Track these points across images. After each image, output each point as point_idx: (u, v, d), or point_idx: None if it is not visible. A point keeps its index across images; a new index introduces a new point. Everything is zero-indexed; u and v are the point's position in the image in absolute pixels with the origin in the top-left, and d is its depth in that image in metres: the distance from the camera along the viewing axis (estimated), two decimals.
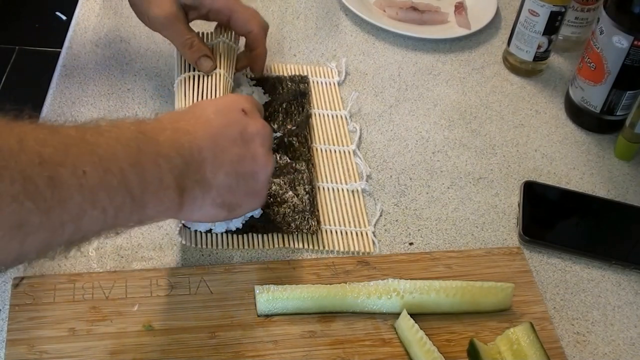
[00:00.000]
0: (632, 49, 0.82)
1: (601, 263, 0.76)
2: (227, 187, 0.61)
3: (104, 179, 0.50)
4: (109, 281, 0.67)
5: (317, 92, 0.91)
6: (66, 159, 0.48)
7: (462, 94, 0.95)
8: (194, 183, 0.58)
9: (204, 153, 0.59)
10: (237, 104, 0.65)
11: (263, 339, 0.64)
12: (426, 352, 0.63)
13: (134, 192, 0.52)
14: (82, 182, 0.49)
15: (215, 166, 0.59)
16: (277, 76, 0.91)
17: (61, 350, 0.62)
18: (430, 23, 1.05)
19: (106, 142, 0.52)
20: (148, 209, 0.54)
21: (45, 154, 0.47)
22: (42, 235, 0.47)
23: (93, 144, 0.51)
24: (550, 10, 0.90)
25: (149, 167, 0.54)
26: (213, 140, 0.60)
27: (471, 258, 0.73)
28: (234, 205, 0.62)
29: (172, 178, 0.55)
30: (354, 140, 0.85)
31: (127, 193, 0.52)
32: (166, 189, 0.55)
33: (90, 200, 0.49)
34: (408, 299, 0.67)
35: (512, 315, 0.69)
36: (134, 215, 0.54)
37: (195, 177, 0.58)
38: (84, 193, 0.49)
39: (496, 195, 0.82)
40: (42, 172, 0.46)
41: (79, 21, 0.97)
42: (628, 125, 0.85)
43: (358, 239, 0.75)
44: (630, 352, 0.68)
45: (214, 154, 0.59)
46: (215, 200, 0.60)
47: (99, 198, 0.50)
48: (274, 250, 0.72)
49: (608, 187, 0.85)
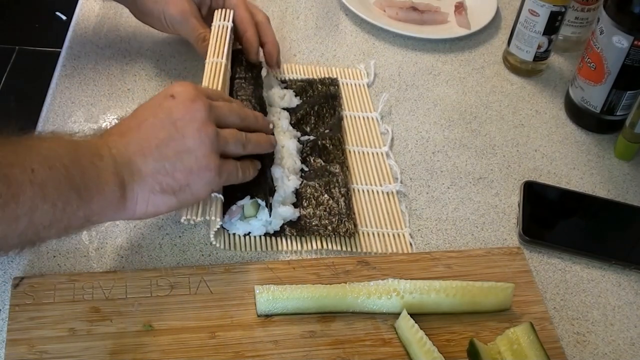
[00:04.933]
0: (632, 49, 0.82)
1: (601, 263, 0.76)
2: (161, 172, 0.63)
3: (50, 174, 0.56)
4: (109, 281, 0.67)
5: (347, 94, 0.91)
6: (17, 159, 0.55)
7: (462, 94, 0.95)
8: (129, 177, 0.61)
9: (130, 146, 0.62)
10: (166, 92, 0.67)
11: (263, 339, 0.64)
12: (426, 352, 0.63)
13: (78, 186, 0.58)
14: (32, 178, 0.55)
15: (143, 155, 0.62)
16: (307, 79, 0.91)
17: (61, 350, 0.62)
18: (430, 23, 1.05)
19: (48, 145, 0.59)
20: (93, 204, 0.59)
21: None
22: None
23: (38, 147, 0.58)
24: (550, 10, 0.90)
25: (87, 164, 0.59)
26: (138, 131, 0.64)
27: (471, 258, 0.73)
28: (179, 187, 0.64)
29: (109, 174, 0.60)
30: (387, 142, 0.85)
31: (72, 187, 0.57)
32: (105, 183, 0.60)
33: (41, 195, 0.55)
34: (408, 299, 0.67)
35: (512, 315, 0.68)
36: (80, 210, 0.58)
37: (127, 170, 0.61)
38: (34, 188, 0.55)
39: (496, 195, 0.82)
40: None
41: (79, 21, 0.97)
42: (628, 125, 0.85)
43: (395, 241, 0.75)
44: (630, 352, 0.68)
45: (139, 144, 0.63)
46: (155, 187, 0.63)
47: (48, 192, 0.56)
48: (309, 251, 0.73)
49: (608, 187, 0.85)
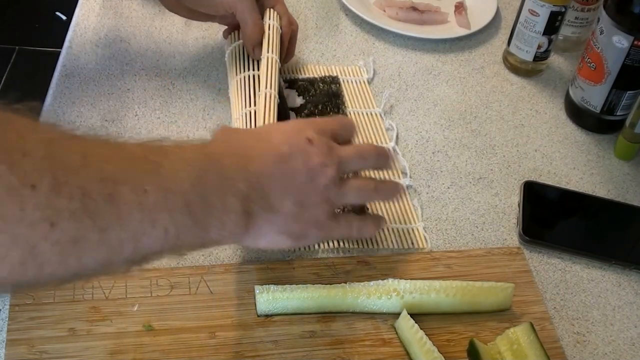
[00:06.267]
0: (632, 49, 0.82)
1: (601, 263, 0.76)
2: (292, 216, 0.59)
3: (165, 198, 0.49)
4: (109, 281, 0.67)
5: (348, 92, 0.91)
6: (128, 176, 0.48)
7: (462, 94, 0.95)
8: (260, 209, 0.56)
9: (270, 180, 0.57)
10: (302, 133, 0.61)
11: (263, 339, 0.64)
12: (426, 352, 0.63)
13: (195, 213, 0.51)
14: (142, 200, 0.48)
15: (281, 194, 0.58)
16: (307, 78, 0.91)
17: (61, 350, 0.62)
18: (430, 23, 1.05)
19: (169, 162, 0.51)
20: (211, 232, 0.53)
21: (107, 171, 0.47)
22: (100, 252, 0.47)
23: (155, 163, 0.50)
24: (550, 10, 0.90)
25: (212, 189, 0.53)
26: (278, 168, 0.58)
27: (471, 258, 0.73)
28: (300, 235, 0.61)
29: (236, 202, 0.54)
30: (392, 138, 0.86)
31: (189, 214, 0.51)
32: (229, 212, 0.54)
33: (150, 220, 0.48)
34: (408, 299, 0.67)
35: (512, 315, 0.68)
36: (197, 238, 0.53)
37: (260, 203, 0.56)
38: (143, 212, 0.48)
39: (496, 195, 0.82)
40: (103, 189, 0.46)
41: (79, 21, 0.97)
42: (628, 125, 0.85)
43: (410, 236, 0.75)
44: (631, 352, 0.68)
45: (279, 182, 0.58)
46: (281, 228, 0.59)
47: (160, 218, 0.49)
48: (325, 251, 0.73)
49: (608, 187, 0.85)
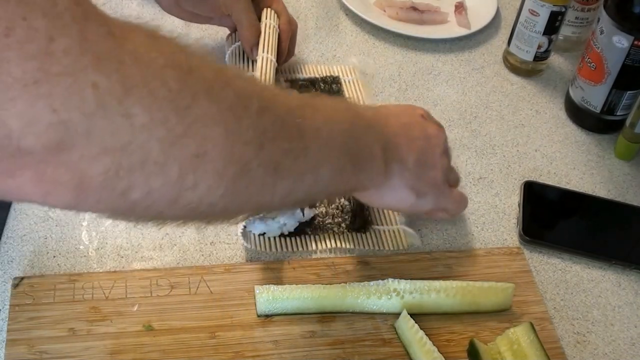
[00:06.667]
0: (633, 49, 0.82)
1: (601, 263, 0.76)
2: (416, 173, 0.64)
3: (331, 136, 0.55)
4: (109, 281, 0.67)
5: (349, 92, 0.91)
6: (305, 113, 0.52)
7: (462, 94, 0.95)
8: (393, 160, 0.62)
9: (398, 137, 0.63)
10: (416, 109, 0.69)
11: (263, 339, 0.64)
12: (426, 352, 0.63)
13: (352, 155, 0.57)
14: (318, 135, 0.53)
15: (408, 151, 0.63)
16: (309, 78, 0.91)
17: (61, 350, 0.62)
18: (430, 23, 1.05)
19: (326, 110, 0.57)
20: (362, 174, 0.59)
21: (291, 104, 0.52)
22: (289, 181, 0.51)
23: (318, 107, 0.56)
24: (550, 10, 0.90)
25: (361, 135, 0.59)
26: (404, 129, 0.65)
27: (471, 258, 0.73)
28: (421, 193, 0.65)
29: (379, 149, 0.60)
30: None
31: (348, 153, 0.56)
32: (375, 158, 0.60)
33: (325, 154, 0.54)
34: (408, 299, 0.67)
35: (512, 315, 0.68)
36: (351, 179, 0.58)
37: (395, 154, 0.62)
38: (320, 146, 0.53)
39: (496, 195, 0.82)
40: (293, 118, 0.51)
41: None
42: (628, 125, 0.85)
43: (407, 236, 0.75)
44: (631, 352, 0.68)
45: (406, 140, 0.64)
46: (409, 182, 0.64)
47: (329, 154, 0.54)
48: (324, 251, 0.73)
49: (608, 187, 0.84)
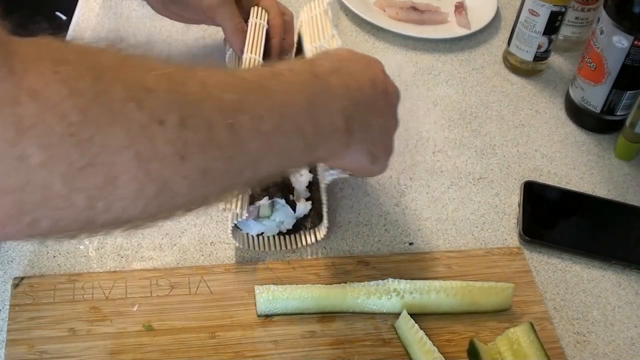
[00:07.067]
0: (632, 49, 0.82)
1: (601, 263, 0.76)
2: (378, 137, 0.61)
3: (279, 124, 0.51)
4: (109, 281, 0.67)
5: None
6: (245, 104, 0.48)
7: (462, 94, 0.95)
8: (359, 125, 0.58)
9: (366, 99, 0.59)
10: (377, 62, 0.64)
11: (263, 339, 0.64)
12: (426, 352, 0.63)
13: (307, 135, 0.53)
14: (260, 127, 0.49)
15: (373, 113, 0.60)
16: None
17: (61, 350, 0.62)
18: (430, 23, 1.05)
19: (281, 87, 0.53)
20: (318, 151, 0.56)
21: (226, 100, 0.47)
22: (224, 181, 0.48)
23: (269, 89, 0.52)
24: (550, 10, 0.90)
25: (322, 110, 0.55)
26: (372, 86, 0.60)
27: (471, 258, 0.73)
28: (376, 157, 0.62)
29: (341, 119, 0.56)
30: None
31: (301, 137, 0.53)
32: (335, 130, 0.56)
33: (267, 145, 0.50)
34: (408, 299, 0.67)
35: (512, 315, 0.68)
36: (304, 157, 0.56)
37: (360, 120, 0.58)
38: (261, 138, 0.49)
39: (496, 195, 0.82)
40: (224, 119, 0.46)
41: (79, 21, 0.97)
42: (628, 125, 0.85)
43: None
44: (631, 352, 0.68)
45: (372, 103, 0.60)
46: (369, 147, 0.61)
47: (275, 143, 0.51)
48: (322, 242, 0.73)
49: (608, 187, 0.84)
